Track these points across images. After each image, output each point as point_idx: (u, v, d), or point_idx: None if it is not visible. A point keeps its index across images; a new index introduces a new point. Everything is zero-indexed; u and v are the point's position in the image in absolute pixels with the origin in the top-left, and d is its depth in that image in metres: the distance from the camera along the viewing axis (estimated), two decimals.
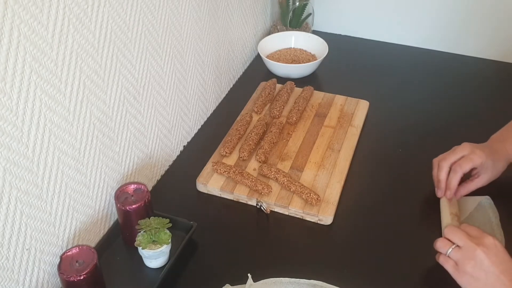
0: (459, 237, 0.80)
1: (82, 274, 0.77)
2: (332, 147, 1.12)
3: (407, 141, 1.15)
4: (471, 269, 0.77)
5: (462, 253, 0.78)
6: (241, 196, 1.01)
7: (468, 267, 0.77)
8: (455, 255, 0.79)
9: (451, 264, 0.80)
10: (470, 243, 0.78)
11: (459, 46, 1.44)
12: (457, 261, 0.79)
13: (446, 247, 0.81)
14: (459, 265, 0.78)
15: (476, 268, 0.76)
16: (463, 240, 0.79)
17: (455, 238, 0.80)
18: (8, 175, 0.71)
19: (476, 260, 0.76)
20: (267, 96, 1.24)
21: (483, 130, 1.01)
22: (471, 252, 0.77)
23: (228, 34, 1.27)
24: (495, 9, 1.36)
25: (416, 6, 1.43)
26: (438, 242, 0.82)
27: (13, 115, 0.69)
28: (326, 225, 0.97)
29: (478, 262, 0.76)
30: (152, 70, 0.98)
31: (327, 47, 1.37)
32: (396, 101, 1.28)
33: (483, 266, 0.76)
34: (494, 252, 0.76)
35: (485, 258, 0.76)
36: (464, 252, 0.78)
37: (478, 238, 0.78)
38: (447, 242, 0.81)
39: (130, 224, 0.88)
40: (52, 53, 0.73)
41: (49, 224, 0.81)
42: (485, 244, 0.77)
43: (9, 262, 0.75)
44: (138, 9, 0.90)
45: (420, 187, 1.04)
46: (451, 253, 0.80)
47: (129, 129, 0.96)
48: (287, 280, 0.85)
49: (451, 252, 0.80)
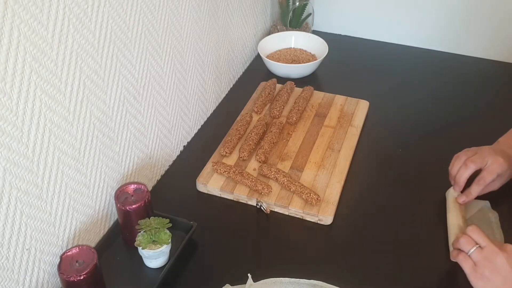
0: (483, 238, 0.79)
1: (82, 274, 0.77)
2: (332, 147, 1.12)
3: (407, 141, 1.15)
4: (489, 272, 0.76)
5: (483, 255, 0.77)
6: (241, 196, 1.01)
7: (486, 270, 0.76)
8: (476, 255, 0.78)
9: (470, 265, 0.78)
10: (493, 247, 0.77)
11: (459, 46, 1.44)
12: (477, 263, 0.78)
13: (469, 246, 0.79)
14: (478, 267, 0.77)
15: (494, 273, 0.76)
16: (486, 242, 0.78)
17: (479, 239, 0.79)
18: (8, 175, 0.71)
19: (496, 264, 0.76)
20: (267, 96, 1.24)
21: (483, 130, 1.01)
22: (493, 255, 0.76)
23: (228, 34, 1.27)
24: (495, 9, 1.36)
25: (416, 6, 1.43)
26: (462, 239, 0.81)
27: (13, 115, 0.69)
28: (326, 225, 0.97)
29: (498, 267, 0.76)
30: (152, 70, 0.98)
31: (327, 47, 1.37)
32: (396, 101, 1.28)
33: (502, 271, 0.75)
34: None
35: (505, 264, 0.75)
36: (486, 254, 0.77)
37: (503, 245, 0.78)
38: (471, 240, 0.80)
39: (130, 224, 0.88)
40: (52, 53, 0.73)
41: (49, 224, 0.81)
42: (507, 250, 0.77)
43: (9, 262, 0.75)
44: (138, 9, 0.90)
45: (420, 187, 1.04)
46: (472, 253, 0.78)
47: (129, 129, 0.96)
48: (287, 280, 0.85)
49: (473, 252, 0.78)
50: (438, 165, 1.07)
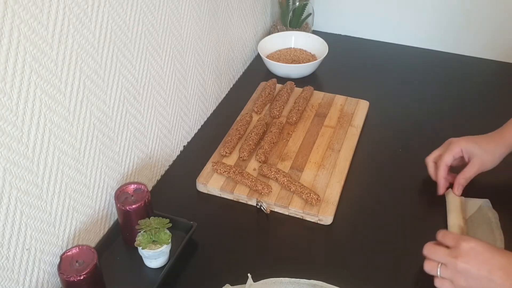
0: (438, 255, 0.78)
1: (82, 274, 0.77)
2: (332, 147, 1.12)
3: (407, 141, 1.15)
4: (464, 282, 0.75)
5: (449, 270, 0.76)
6: (241, 196, 1.01)
7: (461, 282, 0.75)
8: (445, 273, 0.77)
9: (448, 285, 0.77)
10: (450, 259, 0.76)
11: (459, 46, 1.44)
12: (451, 279, 0.77)
13: (434, 269, 0.78)
14: (454, 283, 0.76)
15: (469, 280, 0.74)
16: (442, 258, 0.77)
17: (436, 257, 0.78)
18: (8, 175, 0.71)
19: (463, 273, 0.75)
20: (267, 96, 1.24)
21: (483, 130, 1.00)
22: (454, 267, 0.75)
23: (228, 34, 1.27)
24: (495, 9, 1.36)
25: (416, 6, 1.43)
26: (425, 265, 0.80)
27: (13, 115, 0.69)
28: (326, 225, 0.97)
29: (465, 274, 0.74)
30: (152, 70, 0.98)
31: (327, 47, 1.37)
32: (396, 101, 1.28)
33: (471, 275, 0.74)
34: (473, 256, 0.74)
35: (468, 268, 0.74)
36: (449, 268, 0.76)
37: (455, 249, 0.76)
38: (433, 263, 0.79)
39: (130, 224, 0.88)
40: (52, 53, 0.73)
41: (49, 224, 0.81)
42: (462, 253, 0.75)
43: (9, 262, 0.75)
44: (138, 9, 0.90)
45: (420, 187, 1.04)
46: (441, 273, 0.77)
47: (129, 129, 0.96)
48: (287, 280, 0.85)
49: (441, 272, 0.77)
50: None
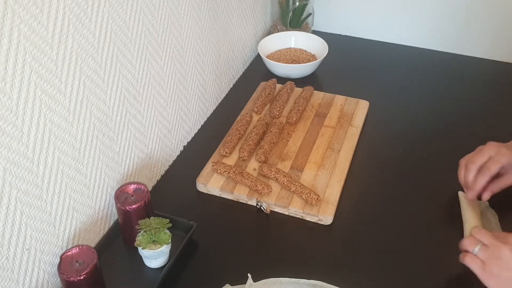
0: (485, 236, 0.79)
1: (82, 274, 0.77)
2: (332, 147, 1.12)
3: (407, 141, 1.15)
4: (498, 269, 0.76)
5: (488, 252, 0.77)
6: (241, 196, 1.01)
7: (494, 267, 0.76)
8: (482, 254, 0.78)
9: (478, 264, 0.78)
10: (496, 242, 0.77)
11: (459, 46, 1.44)
12: (484, 261, 0.77)
13: (473, 245, 0.79)
14: (486, 265, 0.77)
15: (503, 268, 0.75)
16: (489, 239, 0.78)
17: (482, 237, 0.79)
18: (8, 175, 0.71)
19: (503, 259, 0.75)
20: (267, 96, 1.24)
21: (483, 130, 1.01)
22: (497, 251, 0.76)
23: (228, 34, 1.27)
24: (496, 9, 1.36)
25: (416, 6, 1.43)
26: (466, 240, 0.81)
27: (13, 115, 0.69)
28: (326, 225, 0.97)
29: (505, 261, 0.75)
30: (152, 70, 0.98)
31: (327, 47, 1.37)
32: (396, 101, 1.28)
33: (510, 264, 0.75)
34: None
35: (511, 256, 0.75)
36: (491, 250, 0.77)
37: (504, 238, 0.78)
38: (474, 240, 0.80)
39: (130, 224, 0.88)
40: (52, 53, 0.73)
41: (49, 224, 0.81)
42: (510, 242, 0.76)
43: (9, 262, 0.75)
44: (138, 9, 0.90)
45: (420, 186, 1.04)
46: (478, 252, 0.78)
47: (129, 129, 0.96)
48: (287, 280, 0.85)
49: (478, 251, 0.78)
50: (438, 164, 1.07)
